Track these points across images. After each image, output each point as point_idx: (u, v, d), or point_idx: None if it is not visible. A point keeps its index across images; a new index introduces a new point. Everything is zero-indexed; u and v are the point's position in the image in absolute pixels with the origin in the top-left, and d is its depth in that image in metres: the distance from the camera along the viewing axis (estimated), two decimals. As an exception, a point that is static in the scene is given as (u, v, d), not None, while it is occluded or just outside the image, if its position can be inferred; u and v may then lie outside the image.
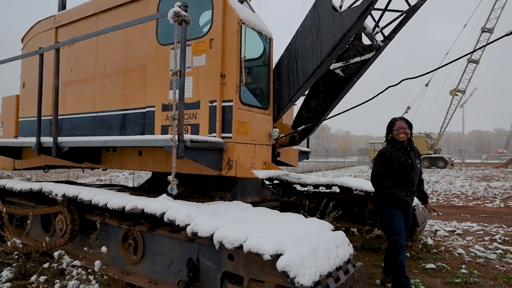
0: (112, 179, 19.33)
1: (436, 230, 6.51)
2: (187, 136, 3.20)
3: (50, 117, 5.44)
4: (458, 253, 5.38)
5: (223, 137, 3.71)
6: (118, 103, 4.70)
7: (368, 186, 5.65)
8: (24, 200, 4.97)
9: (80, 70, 5.24)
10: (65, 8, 7.03)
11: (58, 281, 3.54)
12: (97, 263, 3.19)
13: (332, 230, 2.92)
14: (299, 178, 6.57)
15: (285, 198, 5.67)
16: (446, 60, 29.54)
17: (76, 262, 3.70)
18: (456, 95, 36.61)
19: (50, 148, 4.44)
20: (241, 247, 2.36)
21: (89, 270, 3.30)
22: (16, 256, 4.00)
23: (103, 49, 4.94)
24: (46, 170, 6.72)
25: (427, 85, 36.63)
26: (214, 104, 3.74)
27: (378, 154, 3.86)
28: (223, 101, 3.74)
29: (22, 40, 6.38)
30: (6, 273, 4.11)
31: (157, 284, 3.29)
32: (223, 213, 3.01)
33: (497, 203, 11.13)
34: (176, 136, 3.10)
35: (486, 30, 34.01)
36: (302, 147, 6.34)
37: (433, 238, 5.82)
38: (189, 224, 2.67)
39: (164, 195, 3.24)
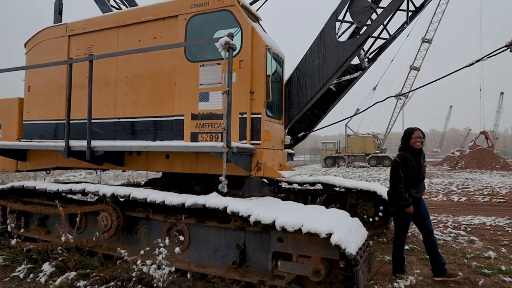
0: (71, 178, 19.00)
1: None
2: (234, 144, 3.89)
3: (64, 121, 5.77)
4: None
5: (252, 144, 4.43)
6: (142, 111, 5.18)
7: (351, 184, 6.66)
8: (46, 200, 5.28)
9: (98, 78, 5.61)
10: (61, 14, 7.27)
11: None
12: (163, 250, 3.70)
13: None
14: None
15: (279, 194, 6.50)
16: (392, 67, 32.33)
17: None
18: (400, 99, 39.94)
19: (77, 151, 4.87)
20: (300, 230, 3.13)
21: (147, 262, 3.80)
22: (60, 251, 4.39)
23: (125, 60, 5.36)
24: (48, 172, 6.91)
25: (374, 89, 39.50)
26: (244, 115, 4.44)
27: (396, 159, 4.46)
28: (252, 114, 4.46)
29: (25, 45, 6.51)
30: (47, 267, 4.48)
31: (205, 267, 3.93)
32: (268, 206, 3.75)
33: (440, 197, 12.93)
34: (226, 143, 3.78)
35: (425, 40, 37.61)
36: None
37: (410, 226, 6.98)
38: (251, 215, 3.37)
39: (215, 193, 3.90)
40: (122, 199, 4.35)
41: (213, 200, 3.67)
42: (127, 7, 7.53)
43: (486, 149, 36.24)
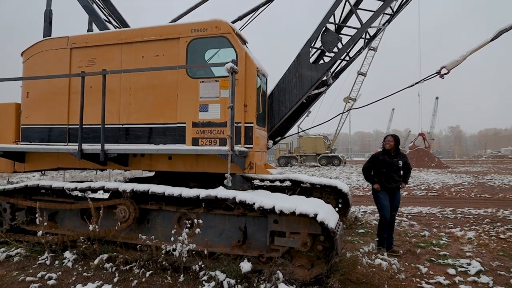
0: (29, 178, 18.86)
1: (354, 212, 9.14)
2: (237, 148, 4.90)
3: (66, 126, 6.40)
4: (374, 223, 7.99)
5: (246, 147, 5.45)
6: (145, 118, 5.96)
7: (316, 180, 7.90)
8: (56, 197, 5.90)
9: (100, 89, 6.26)
10: (51, 23, 7.75)
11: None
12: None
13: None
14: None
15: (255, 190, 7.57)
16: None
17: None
18: (349, 102, 42.82)
19: (88, 154, 5.59)
20: (293, 212, 4.22)
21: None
22: (83, 240, 5.10)
23: (129, 73, 6.11)
24: (43, 172, 7.39)
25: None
26: (239, 124, 5.45)
27: (370, 156, 6.08)
28: (246, 123, 5.48)
29: (22, 54, 6.94)
30: (69, 254, 5.17)
31: (212, 247, 4.89)
32: (266, 196, 4.79)
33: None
34: (230, 147, 4.77)
35: (371, 48, 40.78)
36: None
37: (362, 215, 8.39)
38: (255, 203, 4.41)
39: (221, 187, 4.87)
40: (139, 193, 5.15)
41: (223, 192, 4.65)
42: (116, 22, 8.18)
43: (424, 149, 40.14)
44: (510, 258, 5.47)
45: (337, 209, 7.90)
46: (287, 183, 8.21)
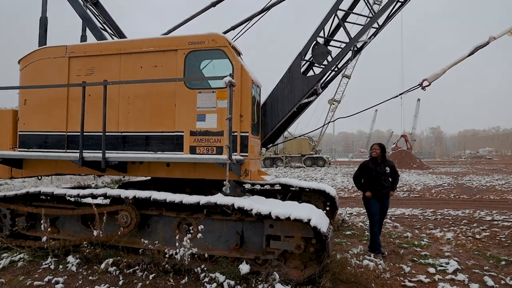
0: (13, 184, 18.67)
1: (340, 214, 9.56)
2: (234, 157, 5.20)
3: (64, 133, 6.57)
4: (360, 225, 8.42)
5: (242, 155, 5.75)
6: (144, 126, 6.19)
7: (305, 184, 8.26)
8: (57, 203, 6.08)
9: (99, 97, 6.44)
10: (46, 31, 7.85)
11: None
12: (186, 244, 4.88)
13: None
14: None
15: (247, 194, 7.90)
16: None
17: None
18: (333, 104, 43.60)
19: (89, 161, 5.79)
20: (288, 218, 4.56)
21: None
22: (86, 245, 5.31)
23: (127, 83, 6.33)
24: (39, 178, 7.51)
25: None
26: (235, 134, 5.74)
27: (359, 165, 6.35)
28: (242, 132, 5.78)
29: (19, 62, 7.05)
30: (72, 259, 5.38)
31: (210, 250, 5.19)
32: (261, 202, 5.12)
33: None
34: (228, 156, 5.07)
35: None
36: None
37: (348, 217, 8.80)
38: (253, 209, 4.73)
39: (220, 194, 5.17)
40: (139, 200, 5.40)
41: (223, 199, 4.96)
42: (111, 29, 8.36)
43: (406, 151, 41.23)
44: (484, 257, 5.95)
45: (325, 211, 8.35)
46: (277, 187, 8.57)
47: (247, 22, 8.30)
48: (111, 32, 8.58)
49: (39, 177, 7.48)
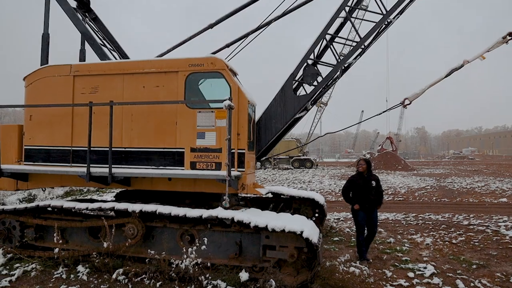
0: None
1: (328, 219, 10.14)
2: (233, 173, 5.69)
3: (69, 148, 6.95)
4: (347, 231, 9.00)
5: (239, 171, 6.24)
6: (146, 143, 6.62)
7: (295, 193, 8.80)
8: (65, 215, 6.46)
9: (103, 114, 6.80)
10: (48, 47, 8.17)
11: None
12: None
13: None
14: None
15: (241, 202, 8.39)
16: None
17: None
18: (321, 106, 44.43)
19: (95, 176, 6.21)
20: (283, 230, 5.08)
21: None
22: (95, 255, 5.73)
23: (131, 100, 6.73)
24: (44, 189, 7.86)
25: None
26: (233, 151, 6.23)
27: (348, 179, 6.82)
28: (239, 149, 6.28)
29: (24, 79, 7.39)
30: (82, 268, 5.78)
31: (211, 259, 5.67)
32: (258, 215, 5.62)
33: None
34: (227, 173, 5.56)
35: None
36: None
37: (336, 223, 9.38)
38: (250, 222, 5.23)
39: (220, 208, 5.65)
40: (145, 213, 5.84)
41: (223, 212, 5.45)
42: (111, 47, 8.75)
43: (391, 152, 42.29)
44: (458, 261, 6.59)
45: (313, 219, 8.91)
46: (269, 195, 9.08)
47: (242, 40, 8.79)
48: (110, 48, 8.96)
49: (43, 189, 7.85)
